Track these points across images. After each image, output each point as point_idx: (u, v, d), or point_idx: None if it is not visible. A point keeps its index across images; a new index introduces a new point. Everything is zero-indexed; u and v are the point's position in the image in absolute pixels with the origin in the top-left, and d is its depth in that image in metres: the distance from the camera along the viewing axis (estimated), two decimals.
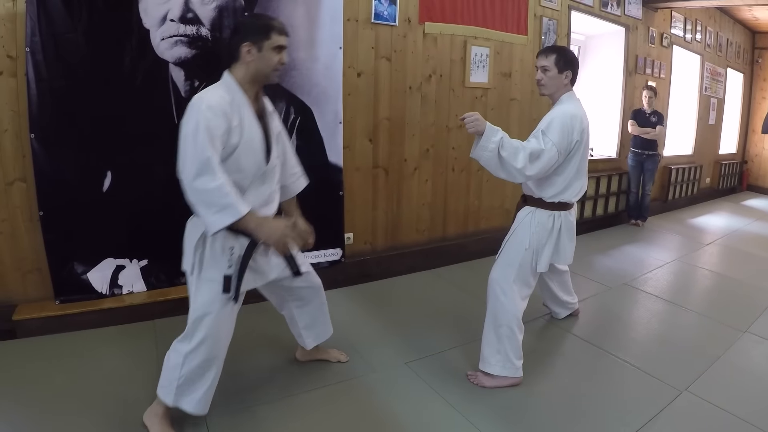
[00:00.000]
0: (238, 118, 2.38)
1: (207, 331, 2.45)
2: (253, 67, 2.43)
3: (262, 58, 2.42)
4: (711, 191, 10.38)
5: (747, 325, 4.11)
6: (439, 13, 4.92)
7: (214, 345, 2.48)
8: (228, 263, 2.44)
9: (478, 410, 2.88)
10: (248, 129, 2.42)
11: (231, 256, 2.44)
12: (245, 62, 2.43)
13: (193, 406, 2.50)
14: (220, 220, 2.24)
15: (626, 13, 7.13)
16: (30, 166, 3.38)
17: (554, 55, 3.09)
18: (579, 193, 3.23)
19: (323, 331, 3.17)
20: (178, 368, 2.46)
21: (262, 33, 2.41)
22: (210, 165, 2.20)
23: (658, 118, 7.19)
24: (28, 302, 3.55)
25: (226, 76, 2.46)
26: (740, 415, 2.89)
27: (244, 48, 2.40)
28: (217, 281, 2.43)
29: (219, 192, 2.21)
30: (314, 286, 3.02)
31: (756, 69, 11.37)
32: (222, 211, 2.23)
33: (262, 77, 2.50)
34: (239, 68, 2.45)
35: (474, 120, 2.85)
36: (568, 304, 4.04)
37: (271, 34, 2.42)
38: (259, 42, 2.40)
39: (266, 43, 2.41)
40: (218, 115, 2.28)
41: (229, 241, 2.44)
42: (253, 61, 2.42)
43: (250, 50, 2.40)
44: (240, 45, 2.40)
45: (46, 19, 3.20)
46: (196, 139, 2.21)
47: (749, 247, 6.75)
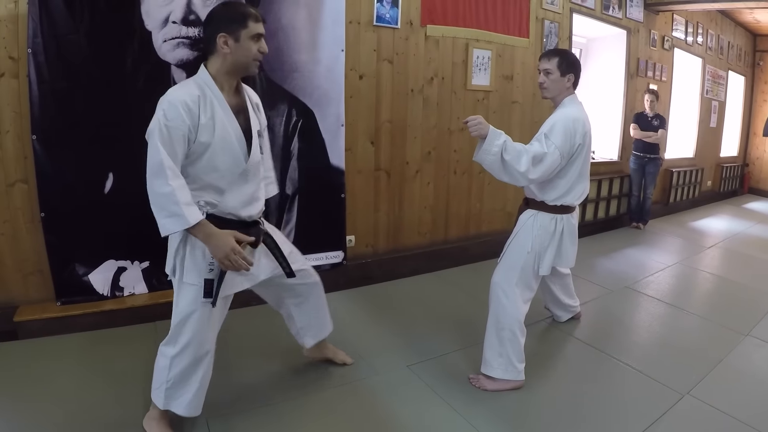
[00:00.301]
0: (209, 114, 2.26)
1: (191, 335, 2.41)
2: (230, 59, 2.30)
3: (240, 48, 2.28)
4: (712, 194, 10.37)
5: (749, 328, 4.10)
6: (441, 16, 4.92)
7: (198, 347, 2.44)
8: (209, 266, 2.38)
9: (480, 413, 2.88)
10: (221, 125, 2.30)
11: (213, 260, 2.35)
12: (221, 54, 2.29)
13: (183, 409, 2.48)
14: (169, 225, 2.19)
15: (628, 15, 7.14)
16: (32, 168, 3.39)
17: (557, 58, 3.09)
18: (581, 196, 3.22)
19: (322, 329, 3.13)
20: (165, 371, 2.44)
21: (238, 22, 2.26)
22: (162, 169, 2.14)
23: (660, 121, 7.19)
24: (29, 303, 3.55)
25: (201, 70, 2.33)
26: (742, 418, 2.88)
27: (220, 39, 2.26)
28: (198, 285, 2.39)
29: (169, 198, 2.15)
30: (311, 282, 2.97)
31: (757, 72, 11.37)
32: (171, 216, 2.17)
33: (241, 69, 2.37)
34: (215, 61, 2.32)
35: (477, 123, 2.85)
36: (570, 307, 4.03)
37: (248, 22, 2.27)
38: (236, 31, 2.26)
39: (243, 32, 2.27)
40: (180, 113, 2.18)
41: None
42: (230, 53, 2.28)
43: (227, 41, 2.26)
44: (215, 36, 2.26)
45: (48, 21, 3.20)
46: (152, 140, 2.17)
47: (751, 250, 6.74)
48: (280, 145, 4.10)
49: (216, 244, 2.25)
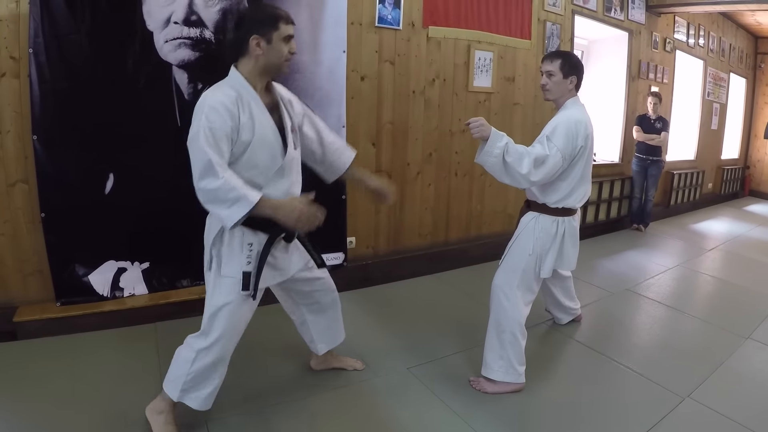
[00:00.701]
0: (248, 113, 2.30)
1: (223, 329, 2.42)
2: (263, 61, 2.34)
3: (272, 50, 2.32)
4: (713, 196, 10.36)
5: (749, 331, 4.10)
6: (443, 17, 4.92)
7: (228, 343, 2.48)
8: (247, 259, 2.41)
9: (481, 416, 2.87)
10: (260, 124, 2.33)
11: (250, 253, 2.41)
12: (254, 56, 2.33)
13: (198, 403, 2.49)
14: (235, 213, 2.20)
15: (629, 17, 7.13)
16: (32, 168, 3.38)
17: (559, 60, 3.08)
18: (583, 199, 3.22)
19: (335, 337, 3.15)
20: (188, 364, 2.45)
21: (270, 24, 2.30)
22: (211, 166, 2.16)
23: (662, 124, 7.20)
24: (29, 304, 3.54)
25: (233, 71, 2.38)
26: (743, 422, 2.88)
27: (253, 41, 2.29)
28: (236, 278, 2.40)
29: (224, 188, 2.17)
30: (330, 289, 3.00)
31: (759, 74, 11.37)
32: (234, 204, 2.19)
33: (273, 69, 2.41)
34: (247, 62, 2.36)
35: (479, 125, 2.85)
36: (571, 309, 4.02)
37: (280, 24, 2.32)
38: (268, 33, 2.30)
39: (275, 34, 2.31)
40: (222, 115, 2.21)
41: (247, 237, 2.41)
42: (263, 54, 2.32)
43: (259, 43, 2.30)
44: (247, 38, 2.30)
45: (49, 21, 3.19)
46: (198, 142, 2.18)
47: (752, 252, 6.74)
48: None
49: (285, 212, 2.30)
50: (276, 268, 2.56)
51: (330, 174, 2.89)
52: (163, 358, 3.26)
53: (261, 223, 2.38)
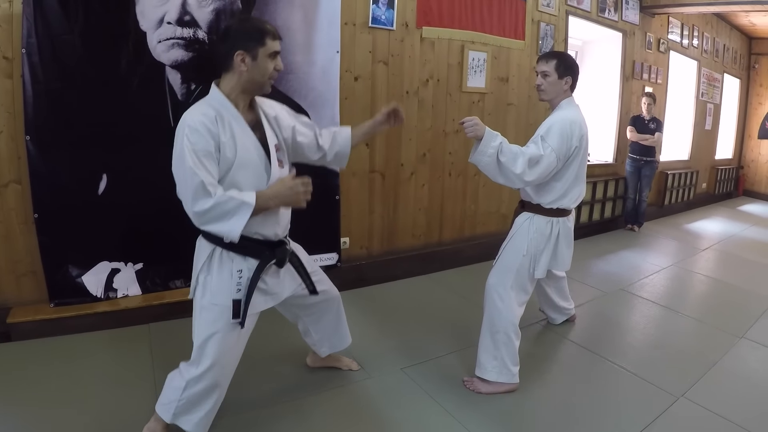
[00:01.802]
0: (229, 133, 2.23)
1: (214, 357, 2.33)
2: (246, 77, 2.26)
3: (257, 67, 2.24)
4: (707, 196, 10.39)
5: (743, 330, 4.11)
6: (437, 18, 4.92)
7: (220, 372, 2.39)
8: (237, 287, 2.34)
9: (474, 416, 2.87)
10: (242, 144, 2.25)
11: (240, 280, 2.34)
12: (238, 72, 2.25)
13: (192, 426, 2.41)
14: (236, 224, 2.13)
15: (623, 18, 7.15)
16: (25, 168, 3.37)
17: (555, 61, 3.08)
18: (577, 200, 3.22)
19: (341, 341, 3.12)
20: (179, 391, 2.37)
21: (256, 39, 2.21)
22: (203, 187, 2.09)
23: (656, 124, 7.21)
24: (22, 305, 3.53)
25: (213, 89, 2.30)
26: (737, 421, 2.89)
27: (238, 57, 2.21)
28: (225, 305, 2.33)
29: (219, 205, 2.10)
30: (331, 298, 2.95)
31: (752, 74, 11.40)
32: (232, 216, 2.12)
33: (256, 87, 2.33)
34: (230, 78, 2.28)
35: (473, 125, 2.84)
36: (565, 309, 4.03)
37: (266, 40, 2.23)
38: (253, 49, 2.21)
39: (261, 50, 2.22)
40: (203, 135, 2.14)
41: (237, 263, 2.35)
42: (247, 71, 2.24)
43: (244, 59, 2.21)
44: (232, 53, 2.21)
45: (42, 21, 3.18)
46: (184, 164, 2.11)
47: (745, 252, 6.76)
48: None
49: (283, 196, 2.27)
50: (267, 293, 2.50)
51: (341, 160, 2.83)
52: (157, 359, 3.26)
53: (252, 249, 2.35)
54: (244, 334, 2.47)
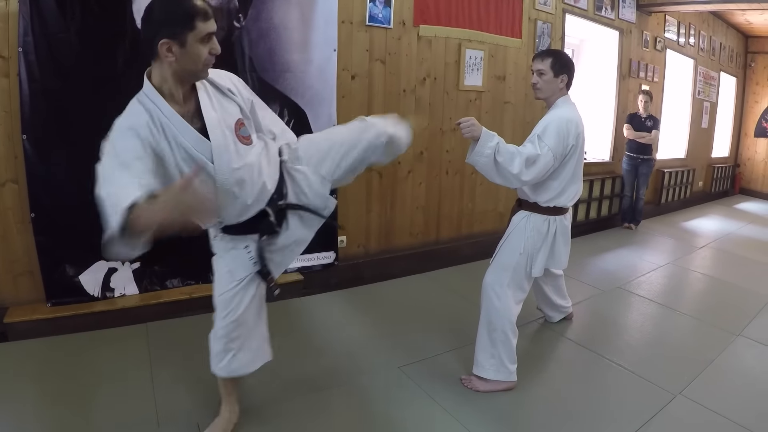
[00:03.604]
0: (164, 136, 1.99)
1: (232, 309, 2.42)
2: (176, 67, 1.94)
3: (187, 54, 1.92)
4: (703, 194, 10.41)
5: (740, 328, 4.12)
6: (434, 16, 4.92)
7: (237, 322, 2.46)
8: (251, 261, 2.38)
9: (472, 414, 2.87)
10: (180, 140, 2.01)
11: (250, 254, 2.38)
12: (166, 62, 1.93)
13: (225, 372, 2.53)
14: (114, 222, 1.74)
15: (620, 16, 7.15)
16: (22, 168, 3.37)
17: (550, 59, 3.08)
18: (574, 198, 3.22)
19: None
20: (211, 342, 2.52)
21: (183, 23, 1.87)
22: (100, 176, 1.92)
23: (653, 122, 7.21)
24: (19, 305, 3.52)
25: (146, 85, 2.01)
26: (734, 418, 2.89)
27: (163, 46, 1.88)
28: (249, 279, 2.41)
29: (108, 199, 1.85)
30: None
31: (749, 73, 11.42)
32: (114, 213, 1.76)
33: (190, 76, 2.02)
34: (158, 68, 1.98)
35: (470, 125, 2.84)
36: (562, 307, 4.03)
37: (196, 23, 1.89)
38: (180, 35, 1.88)
39: (190, 36, 1.89)
40: (128, 138, 1.92)
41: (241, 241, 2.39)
42: (176, 60, 1.92)
43: (171, 47, 1.89)
44: (156, 41, 1.89)
45: (39, 19, 3.18)
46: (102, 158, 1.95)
47: (742, 250, 6.77)
48: None
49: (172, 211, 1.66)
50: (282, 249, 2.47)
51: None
52: (155, 358, 3.26)
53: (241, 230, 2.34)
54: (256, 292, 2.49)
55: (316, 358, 3.38)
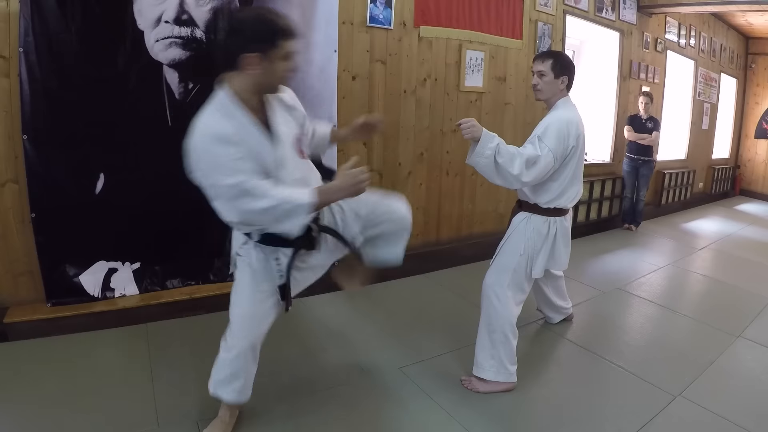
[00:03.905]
0: (247, 139, 2.09)
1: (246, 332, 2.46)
2: (255, 80, 2.08)
3: (269, 69, 2.06)
4: (704, 196, 10.40)
5: (740, 329, 4.12)
6: (435, 17, 4.92)
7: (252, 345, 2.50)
8: (278, 273, 2.40)
9: (472, 415, 2.88)
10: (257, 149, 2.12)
11: (279, 266, 2.39)
12: (246, 74, 2.06)
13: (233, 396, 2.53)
14: (296, 222, 2.10)
15: (621, 18, 7.15)
16: (22, 168, 3.36)
17: (551, 60, 3.08)
18: (574, 199, 3.23)
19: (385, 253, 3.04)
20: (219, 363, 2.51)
21: (269, 40, 2.01)
22: (245, 190, 2.02)
23: (653, 124, 7.21)
24: (19, 305, 3.52)
25: (220, 93, 2.12)
26: (734, 420, 2.89)
27: (247, 59, 2.01)
28: (270, 291, 2.42)
29: (278, 206, 2.05)
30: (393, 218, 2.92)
31: (749, 74, 11.42)
32: (292, 215, 2.07)
33: (267, 88, 2.18)
34: (238, 78, 2.10)
35: (470, 126, 2.85)
36: (563, 309, 4.03)
37: (279, 42, 2.03)
38: (264, 52, 2.02)
39: (273, 53, 2.03)
40: (228, 146, 2.01)
41: (273, 252, 2.39)
42: (257, 74, 2.06)
43: (253, 61, 2.02)
44: (240, 53, 2.02)
45: (39, 19, 3.17)
46: (215, 177, 2.03)
47: (742, 251, 6.77)
48: None
49: (347, 190, 2.17)
50: (309, 269, 2.56)
51: (320, 151, 2.80)
52: (155, 359, 3.26)
53: (281, 241, 2.33)
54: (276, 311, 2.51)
55: (316, 358, 3.38)
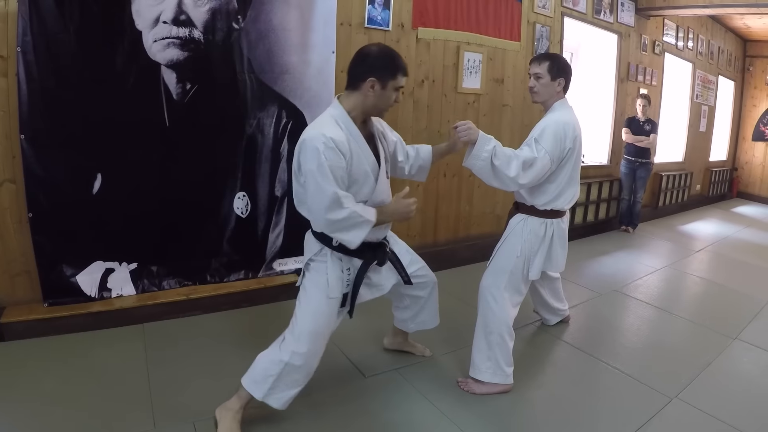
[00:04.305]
0: (354, 150, 2.43)
1: (315, 343, 2.59)
2: (371, 102, 2.47)
3: (383, 96, 2.46)
4: (701, 198, 10.42)
5: (737, 332, 4.13)
6: (433, 19, 4.92)
7: (315, 356, 2.63)
8: (346, 283, 2.63)
9: (468, 417, 2.88)
10: (358, 160, 2.45)
11: (348, 276, 2.63)
12: (364, 94, 2.45)
13: (280, 404, 2.59)
14: (356, 236, 2.41)
15: (619, 20, 7.16)
16: (20, 168, 3.35)
17: (547, 63, 3.09)
18: (571, 201, 3.23)
19: (429, 320, 3.29)
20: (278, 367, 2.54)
21: (390, 72, 2.44)
22: (337, 199, 2.31)
23: (651, 126, 7.23)
24: (16, 304, 3.51)
25: (338, 107, 2.49)
26: (730, 422, 2.90)
27: (369, 83, 2.42)
28: (337, 299, 2.60)
29: (350, 218, 2.36)
30: (428, 285, 3.18)
31: (747, 77, 11.45)
32: (355, 228, 2.40)
33: (375, 111, 2.56)
34: (355, 98, 2.48)
35: (467, 128, 2.85)
36: (559, 310, 4.04)
37: (398, 75, 2.46)
38: (384, 79, 2.43)
39: (391, 83, 2.45)
40: (337, 153, 2.32)
41: (345, 262, 2.62)
42: (374, 96, 2.45)
43: (374, 86, 2.42)
44: (365, 77, 2.42)
45: (38, 19, 3.17)
46: (321, 177, 2.30)
47: (739, 254, 6.78)
48: (269, 147, 4.10)
49: (399, 215, 2.61)
50: (371, 286, 2.84)
51: (422, 174, 3.14)
52: (151, 359, 3.26)
53: (356, 251, 2.56)
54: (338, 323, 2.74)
55: None
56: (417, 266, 3.10)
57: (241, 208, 4.09)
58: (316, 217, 2.44)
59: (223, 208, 4.04)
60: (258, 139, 4.05)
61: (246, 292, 4.08)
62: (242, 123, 3.98)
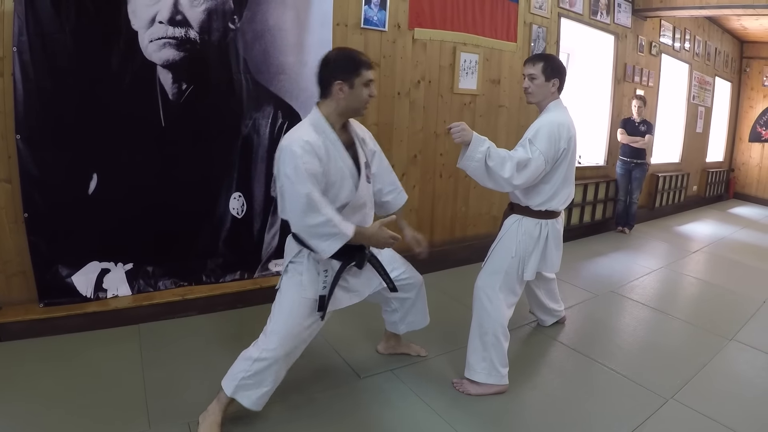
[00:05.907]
0: (331, 154, 2.50)
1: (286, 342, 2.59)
2: (343, 104, 2.53)
3: (353, 95, 2.52)
4: (698, 199, 10.44)
5: (733, 333, 4.13)
6: (429, 19, 4.92)
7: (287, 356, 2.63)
8: (323, 284, 2.62)
9: (463, 418, 2.88)
10: (336, 165, 2.53)
11: (326, 278, 2.63)
12: (336, 99, 2.52)
13: (250, 402, 2.58)
14: (329, 246, 2.44)
15: (616, 21, 7.17)
16: (15, 167, 3.35)
17: (541, 63, 3.10)
18: (566, 201, 3.23)
19: (419, 320, 3.31)
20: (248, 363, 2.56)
21: (352, 70, 2.49)
22: (312, 202, 2.36)
23: (647, 127, 7.23)
24: (11, 305, 3.51)
25: (315, 112, 2.56)
26: (726, 423, 2.90)
27: (336, 86, 2.48)
28: (312, 299, 2.62)
29: (326, 225, 2.40)
30: (413, 286, 3.20)
31: (744, 78, 11.47)
32: (330, 238, 2.43)
33: (352, 112, 2.62)
34: (329, 103, 2.55)
35: (460, 130, 2.87)
36: (555, 311, 4.04)
37: (361, 71, 2.51)
38: (350, 79, 2.49)
39: (357, 80, 2.50)
40: (313, 158, 2.39)
41: (323, 264, 2.63)
42: (344, 98, 2.51)
43: (342, 87, 2.49)
44: (332, 82, 2.49)
45: (34, 19, 3.17)
46: (291, 181, 2.36)
47: (736, 254, 6.79)
48: (265, 147, 4.10)
49: (376, 242, 2.66)
50: (350, 290, 2.81)
51: (381, 211, 3.12)
52: (147, 360, 3.26)
53: (337, 253, 2.52)
54: (315, 327, 2.72)
55: (307, 360, 3.34)
56: (400, 270, 3.13)
57: (237, 208, 4.10)
58: (294, 220, 2.46)
59: (218, 209, 4.04)
60: (254, 139, 4.06)
61: (241, 293, 4.08)
62: (238, 123, 3.98)
